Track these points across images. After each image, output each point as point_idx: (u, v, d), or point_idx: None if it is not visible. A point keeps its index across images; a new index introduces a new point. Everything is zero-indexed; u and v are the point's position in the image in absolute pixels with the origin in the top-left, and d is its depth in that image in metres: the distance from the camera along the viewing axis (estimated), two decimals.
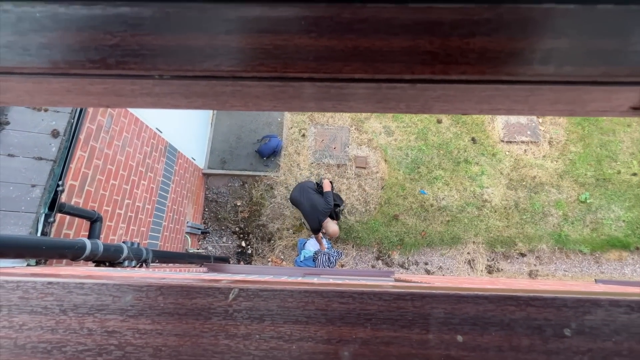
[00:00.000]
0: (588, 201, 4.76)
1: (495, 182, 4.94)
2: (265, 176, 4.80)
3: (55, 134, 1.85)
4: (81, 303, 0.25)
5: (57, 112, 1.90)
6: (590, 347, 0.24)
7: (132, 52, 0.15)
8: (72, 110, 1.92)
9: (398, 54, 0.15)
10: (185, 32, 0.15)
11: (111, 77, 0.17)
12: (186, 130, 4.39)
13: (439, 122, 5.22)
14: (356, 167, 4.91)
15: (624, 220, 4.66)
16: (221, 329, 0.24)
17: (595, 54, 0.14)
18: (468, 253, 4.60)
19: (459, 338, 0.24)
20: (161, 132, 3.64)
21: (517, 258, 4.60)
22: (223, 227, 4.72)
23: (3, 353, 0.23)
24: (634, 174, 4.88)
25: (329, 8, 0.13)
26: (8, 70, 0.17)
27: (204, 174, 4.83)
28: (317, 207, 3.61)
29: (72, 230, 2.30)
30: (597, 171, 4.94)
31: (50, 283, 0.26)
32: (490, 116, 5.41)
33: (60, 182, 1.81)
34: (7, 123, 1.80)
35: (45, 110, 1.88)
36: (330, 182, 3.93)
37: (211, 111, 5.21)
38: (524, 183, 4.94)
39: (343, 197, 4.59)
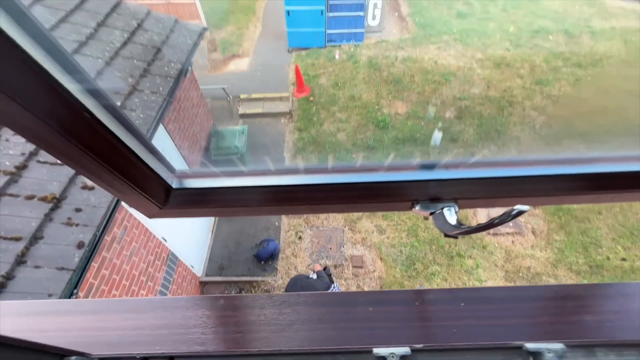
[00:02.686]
0: None
1: (492, 275, 4.96)
2: (263, 281, 4.79)
3: (80, 245, 2.09)
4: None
5: (86, 225, 2.20)
6: None
7: None
8: (99, 224, 2.22)
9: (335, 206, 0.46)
10: None
11: None
12: (188, 238, 4.63)
13: (426, 218, 5.57)
14: (353, 266, 4.98)
15: None
16: None
17: None
18: None
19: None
20: (166, 240, 3.86)
21: None
22: None
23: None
24: (623, 259, 5.01)
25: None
26: None
27: (201, 282, 4.81)
28: (314, 287, 3.42)
29: None
30: (587, 258, 5.06)
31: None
32: (473, 210, 5.85)
33: (75, 290, 1.95)
34: (41, 238, 2.06)
35: (77, 225, 2.18)
36: (325, 266, 3.96)
37: (213, 219, 5.57)
38: (521, 274, 4.97)
39: None
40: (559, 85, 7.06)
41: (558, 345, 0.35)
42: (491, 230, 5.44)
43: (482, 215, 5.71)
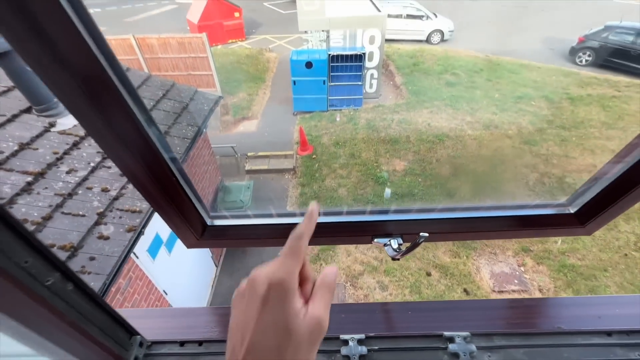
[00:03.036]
0: None
1: None
2: None
3: None
4: None
5: (98, 274, 2.32)
6: None
7: None
8: (109, 272, 2.34)
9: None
10: None
11: None
12: (188, 291, 4.60)
13: (429, 274, 5.54)
14: None
15: None
16: None
17: None
18: None
19: None
20: (167, 294, 3.87)
21: None
22: None
23: None
24: None
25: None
26: None
27: None
28: None
29: None
30: None
31: None
32: (475, 267, 5.80)
33: None
34: None
35: (89, 274, 2.30)
36: None
37: (214, 273, 5.55)
38: None
39: None
40: (547, 145, 7.52)
41: (466, 333, 0.50)
42: (496, 287, 5.33)
43: (485, 271, 5.64)
